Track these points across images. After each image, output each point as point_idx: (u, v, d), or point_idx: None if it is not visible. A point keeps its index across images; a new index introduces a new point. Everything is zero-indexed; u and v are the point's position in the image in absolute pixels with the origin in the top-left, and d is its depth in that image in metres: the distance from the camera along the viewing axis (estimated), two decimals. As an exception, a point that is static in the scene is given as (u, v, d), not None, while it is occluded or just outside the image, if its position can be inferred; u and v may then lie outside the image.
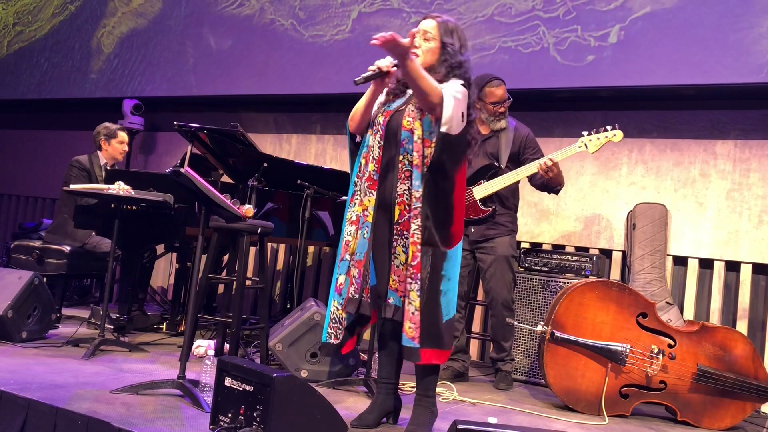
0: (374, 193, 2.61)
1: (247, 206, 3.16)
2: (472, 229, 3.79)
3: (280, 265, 5.69)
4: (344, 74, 5.26)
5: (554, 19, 4.49)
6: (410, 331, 2.50)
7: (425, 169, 2.54)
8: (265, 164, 4.04)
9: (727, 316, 4.16)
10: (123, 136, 4.80)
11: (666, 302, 4.04)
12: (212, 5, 6.06)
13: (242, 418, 2.28)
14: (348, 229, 2.67)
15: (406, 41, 2.48)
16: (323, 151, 5.65)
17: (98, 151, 4.76)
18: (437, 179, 2.55)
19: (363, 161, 2.68)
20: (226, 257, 4.82)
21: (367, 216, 2.62)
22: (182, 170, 2.82)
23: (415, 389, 2.72)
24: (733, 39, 3.97)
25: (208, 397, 2.64)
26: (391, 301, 2.56)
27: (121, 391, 2.77)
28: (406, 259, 2.54)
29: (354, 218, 2.67)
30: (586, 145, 3.65)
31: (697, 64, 4.05)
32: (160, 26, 6.39)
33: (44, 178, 7.10)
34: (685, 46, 4.10)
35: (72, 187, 3.86)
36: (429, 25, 2.67)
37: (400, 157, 2.58)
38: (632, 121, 4.36)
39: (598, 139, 3.64)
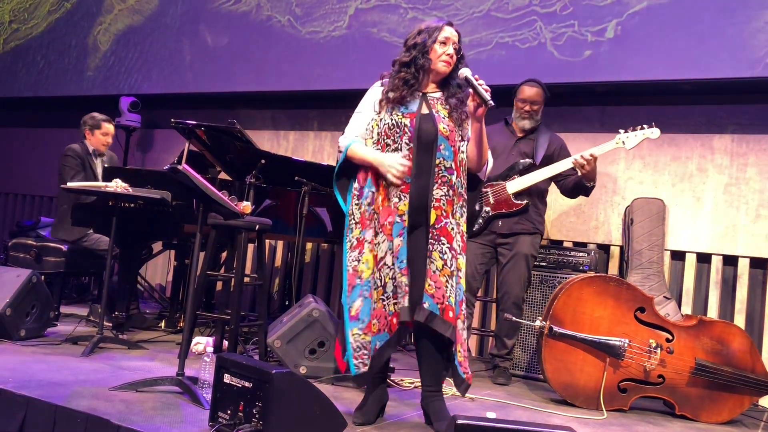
0: (407, 196, 2.60)
1: (244, 203, 3.16)
2: (500, 223, 3.83)
3: (278, 261, 5.69)
4: (341, 70, 5.26)
5: (551, 14, 4.49)
6: (460, 356, 2.60)
7: (462, 175, 2.67)
8: (263, 161, 4.04)
9: (724, 310, 4.17)
10: (108, 127, 4.79)
11: (664, 297, 4.04)
12: (209, 2, 6.05)
13: (241, 414, 2.28)
14: (384, 244, 2.60)
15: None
16: (321, 148, 5.65)
17: (84, 140, 4.77)
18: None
19: None
20: (224, 254, 4.82)
21: (405, 220, 2.59)
22: (180, 167, 2.82)
23: (415, 385, 2.72)
24: (730, 33, 3.97)
25: (207, 394, 2.64)
26: (426, 305, 2.53)
27: (120, 389, 2.77)
28: (443, 266, 2.56)
29: (384, 226, 2.61)
30: (623, 141, 3.70)
31: (694, 59, 4.05)
32: (156, 23, 6.38)
33: (42, 176, 7.08)
34: (682, 40, 4.10)
35: (69, 184, 3.85)
36: (456, 36, 2.70)
37: (437, 161, 2.61)
38: (629, 116, 4.35)
39: (636, 136, 3.69)
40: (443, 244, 2.57)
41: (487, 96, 2.53)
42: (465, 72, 2.61)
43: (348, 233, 2.68)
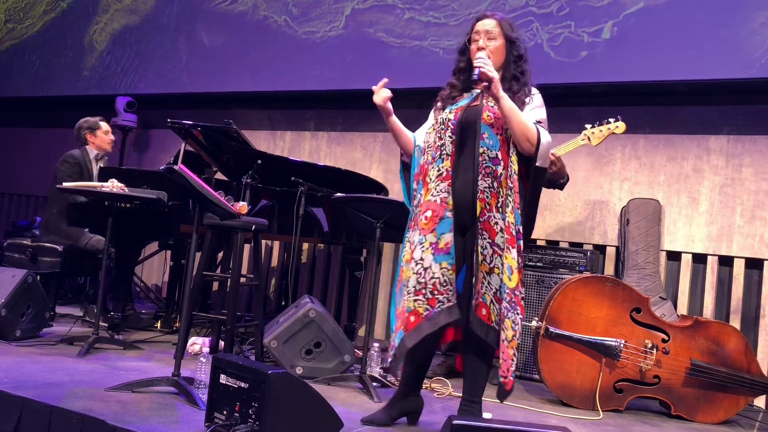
0: (451, 190, 2.54)
1: (241, 203, 3.16)
2: None
3: (274, 262, 5.69)
4: (338, 71, 5.26)
5: (547, 15, 4.50)
6: (503, 364, 2.49)
7: (510, 164, 2.54)
8: (259, 161, 4.04)
9: (720, 310, 4.18)
10: (104, 125, 4.79)
11: (660, 297, 4.05)
12: (205, 2, 6.05)
13: (237, 415, 2.28)
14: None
15: (492, 74, 2.48)
16: (317, 148, 5.65)
17: (86, 146, 4.75)
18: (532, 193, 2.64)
19: (431, 160, 2.60)
20: (220, 254, 4.82)
21: (450, 215, 2.53)
22: (176, 167, 2.81)
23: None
24: (725, 34, 3.98)
25: (203, 395, 2.64)
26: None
27: (115, 389, 2.77)
28: (482, 261, 2.48)
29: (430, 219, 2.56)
30: (588, 137, 3.66)
31: (689, 60, 4.06)
32: (152, 23, 6.37)
33: (37, 176, 7.07)
34: (678, 41, 4.11)
35: (65, 185, 3.84)
36: (490, 24, 2.66)
37: (481, 150, 2.52)
38: (625, 116, 4.33)
39: (601, 131, 3.65)
40: (485, 239, 2.49)
41: (475, 72, 2.49)
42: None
43: (406, 233, 2.64)
